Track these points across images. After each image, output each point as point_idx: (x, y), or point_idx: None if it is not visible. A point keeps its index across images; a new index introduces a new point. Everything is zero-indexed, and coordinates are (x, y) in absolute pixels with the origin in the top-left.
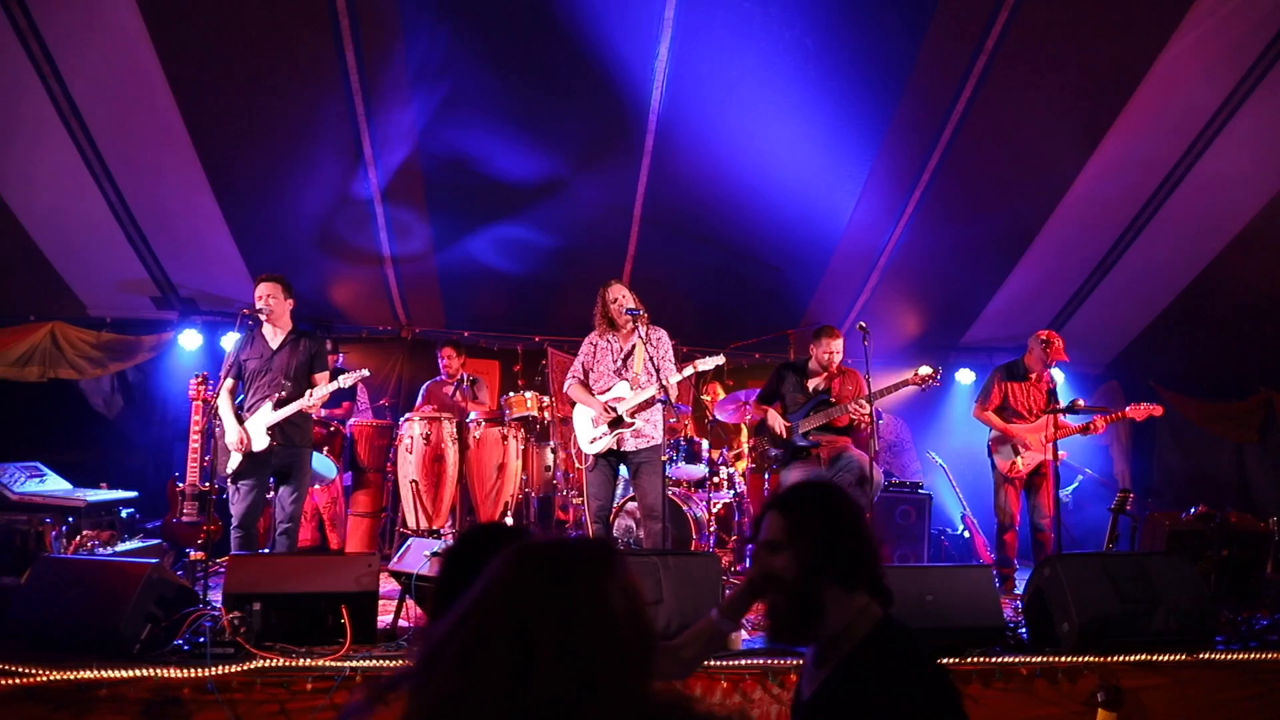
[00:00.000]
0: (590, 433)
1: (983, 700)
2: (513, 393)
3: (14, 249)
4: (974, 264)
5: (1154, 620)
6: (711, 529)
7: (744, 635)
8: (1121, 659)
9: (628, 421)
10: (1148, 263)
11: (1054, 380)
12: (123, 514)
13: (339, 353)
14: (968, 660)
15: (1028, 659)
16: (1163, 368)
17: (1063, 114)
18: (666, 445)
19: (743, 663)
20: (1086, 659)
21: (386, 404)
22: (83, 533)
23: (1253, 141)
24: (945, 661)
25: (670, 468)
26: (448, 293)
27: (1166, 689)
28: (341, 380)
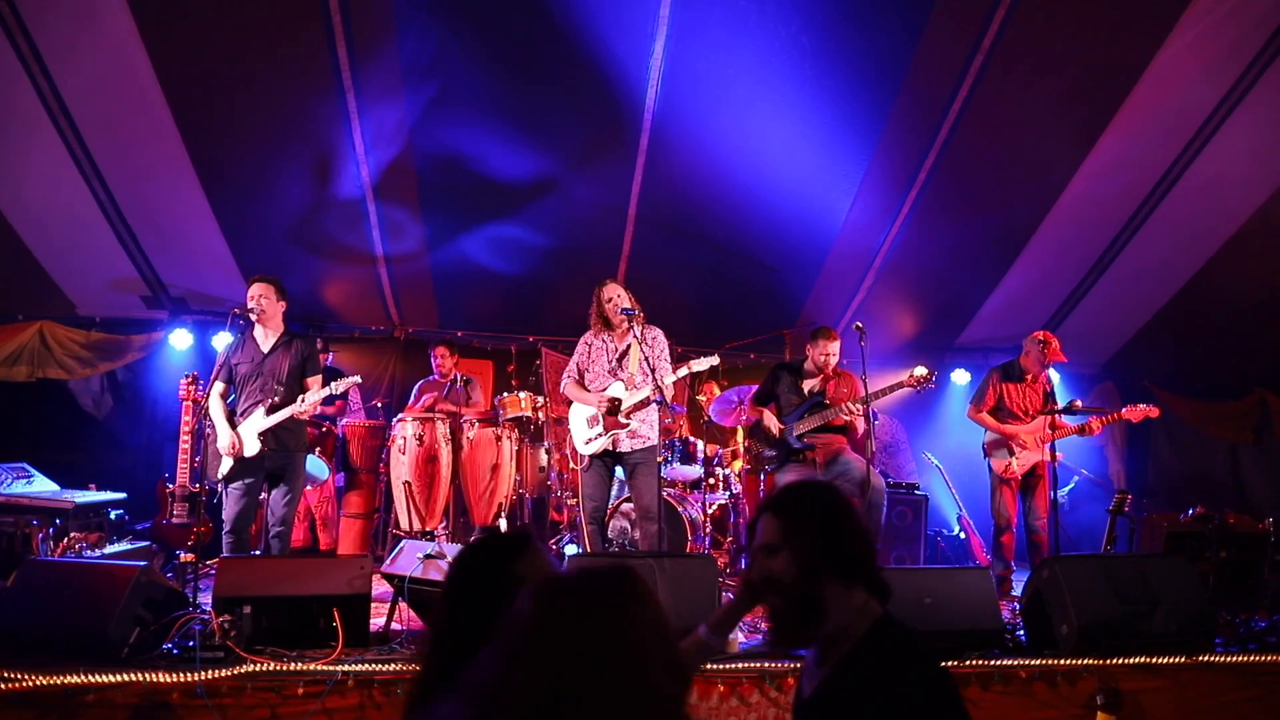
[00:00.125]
0: (585, 433)
1: (981, 703)
2: (507, 393)
3: (2, 248)
4: (970, 264)
5: (1153, 622)
6: (707, 530)
7: (740, 638)
8: (1120, 661)
9: (623, 422)
10: (1144, 263)
11: (1051, 381)
12: (111, 515)
13: (330, 352)
14: (966, 663)
15: (1027, 662)
16: (1158, 368)
17: (1059, 113)
18: (662, 446)
19: (740, 665)
20: (1085, 662)
21: (379, 404)
22: (70, 535)
23: (1249, 142)
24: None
25: (665, 468)
26: (441, 292)
27: (1166, 691)
28: (333, 387)
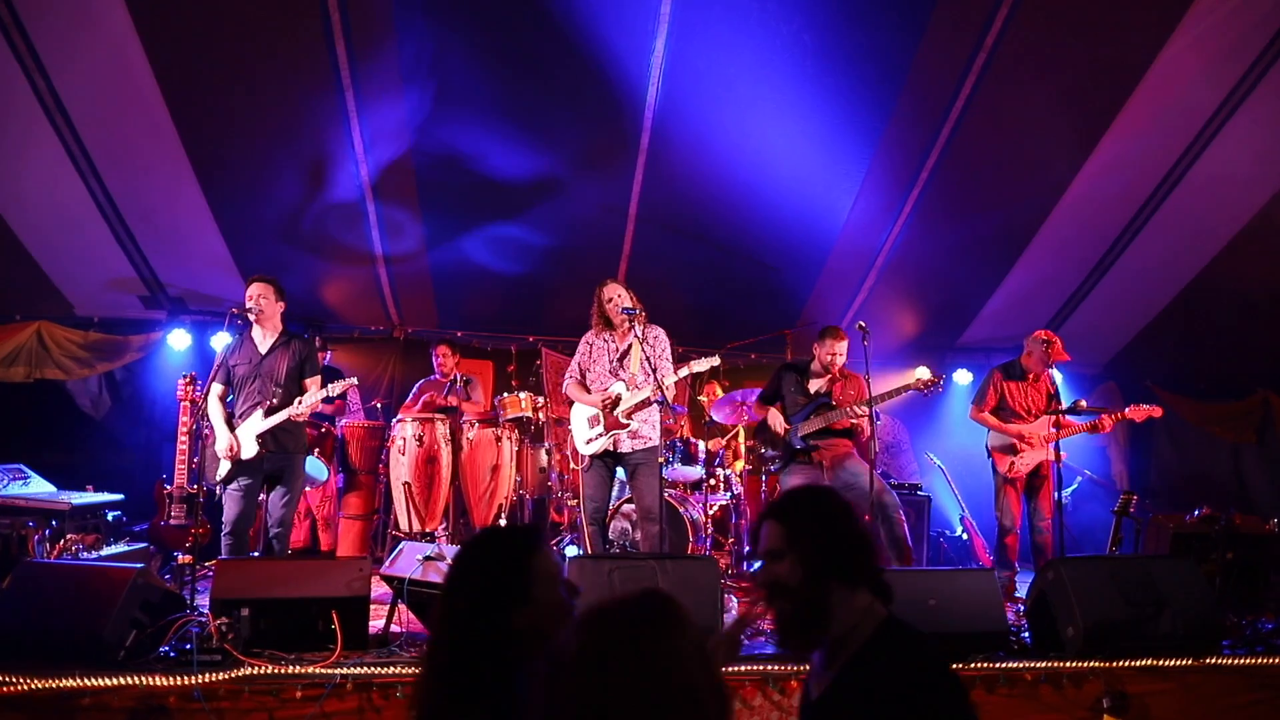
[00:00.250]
0: (586, 433)
1: (987, 707)
2: (506, 393)
3: None
4: (972, 264)
5: (1160, 624)
6: (708, 531)
7: (743, 640)
8: (1127, 664)
9: (624, 422)
10: (1146, 263)
11: (1055, 381)
12: (109, 517)
13: (328, 351)
14: (971, 665)
15: (1032, 664)
16: (1160, 368)
17: (1062, 113)
18: (663, 446)
19: (743, 669)
20: (1092, 664)
21: (378, 405)
22: (67, 536)
23: (1252, 142)
24: None
25: (666, 469)
26: (440, 292)
27: (1173, 694)
28: (331, 389)
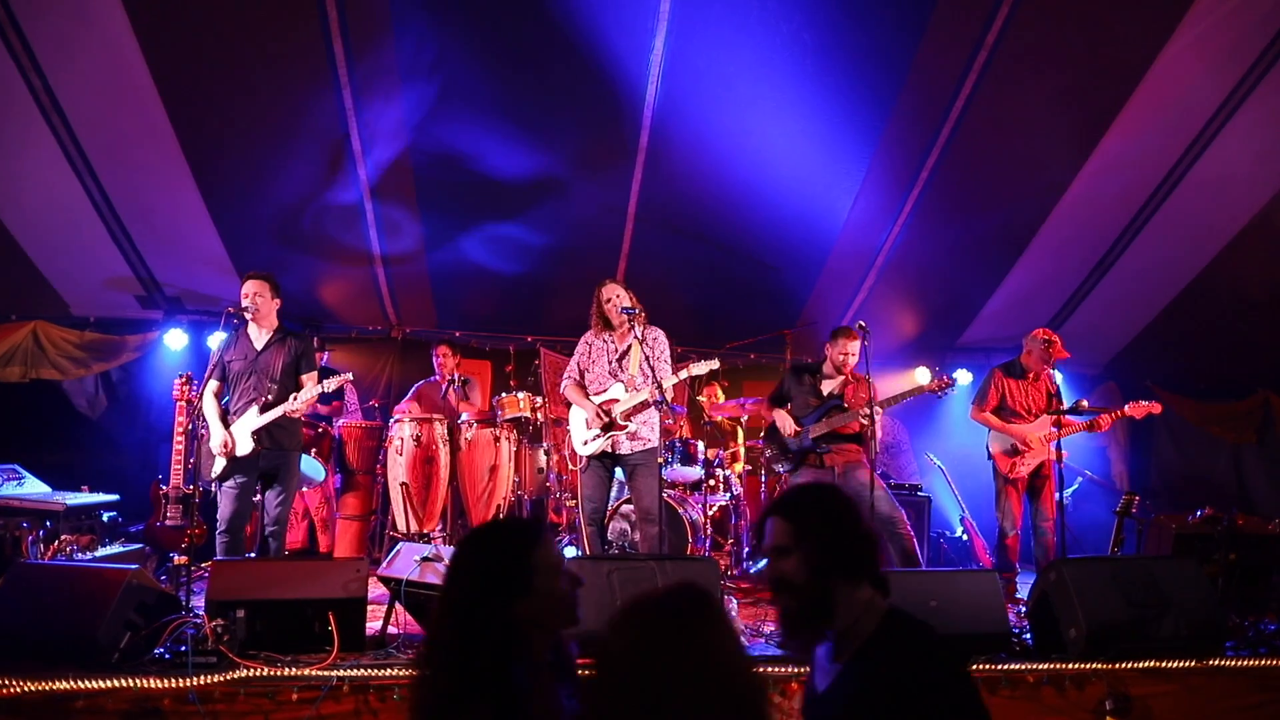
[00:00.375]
0: (584, 434)
1: (988, 708)
2: (505, 393)
3: None
4: (972, 263)
5: (1163, 626)
6: (707, 532)
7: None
8: (1130, 666)
9: (620, 425)
10: (1146, 263)
11: (1055, 380)
12: (104, 517)
13: (325, 350)
14: (972, 667)
15: (1034, 666)
16: (1161, 368)
17: (1062, 112)
18: (662, 447)
19: None
20: (1094, 666)
21: (376, 405)
22: (61, 537)
23: (1252, 142)
24: None
25: (665, 470)
26: (439, 292)
27: (1176, 696)
28: (326, 385)
